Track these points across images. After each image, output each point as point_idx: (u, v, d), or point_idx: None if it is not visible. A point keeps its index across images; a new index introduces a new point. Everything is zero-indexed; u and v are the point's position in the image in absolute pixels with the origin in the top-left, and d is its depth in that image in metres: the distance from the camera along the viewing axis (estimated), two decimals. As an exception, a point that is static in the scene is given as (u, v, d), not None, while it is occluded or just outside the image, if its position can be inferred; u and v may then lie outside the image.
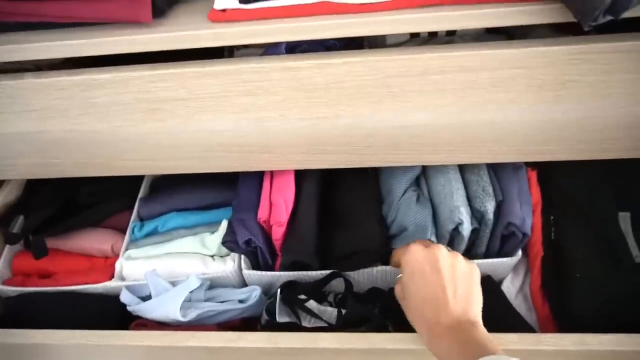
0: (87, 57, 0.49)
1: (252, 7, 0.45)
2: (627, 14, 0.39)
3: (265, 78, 0.49)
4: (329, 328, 0.63)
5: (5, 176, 0.63)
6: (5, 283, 0.72)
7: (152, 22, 0.47)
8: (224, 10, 0.46)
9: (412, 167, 0.67)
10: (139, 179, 0.81)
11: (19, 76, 0.52)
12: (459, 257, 0.53)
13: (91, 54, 0.48)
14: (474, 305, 0.51)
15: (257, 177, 0.70)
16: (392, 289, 0.59)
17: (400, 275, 0.54)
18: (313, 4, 0.45)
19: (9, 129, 0.57)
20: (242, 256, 0.68)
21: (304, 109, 0.51)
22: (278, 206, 0.65)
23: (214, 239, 0.69)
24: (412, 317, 0.52)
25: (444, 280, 0.50)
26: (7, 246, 0.75)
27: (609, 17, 0.38)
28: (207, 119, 0.53)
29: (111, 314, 0.68)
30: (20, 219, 0.76)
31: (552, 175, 0.68)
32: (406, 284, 0.52)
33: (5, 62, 0.51)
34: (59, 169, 0.61)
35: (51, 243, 0.73)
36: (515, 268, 0.69)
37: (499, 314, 0.50)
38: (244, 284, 0.71)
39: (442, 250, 0.52)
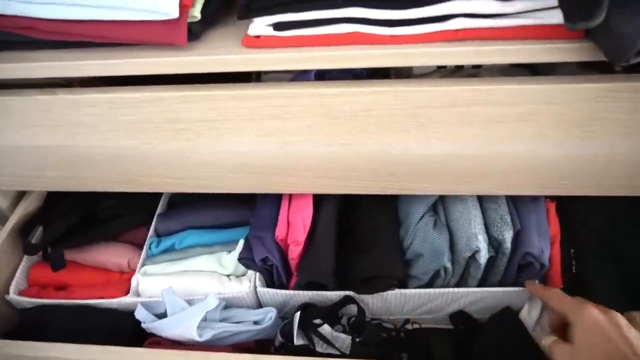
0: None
1: (286, 34, 0.46)
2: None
3: (295, 103, 0.49)
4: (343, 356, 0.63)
5: (31, 187, 0.64)
6: (21, 294, 0.72)
7: (187, 46, 0.48)
8: (257, 37, 0.47)
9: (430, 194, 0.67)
10: (157, 195, 0.81)
11: (51, 91, 0.54)
12: None
13: (126, 73, 0.49)
14: None
15: (275, 197, 0.71)
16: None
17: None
18: (345, 33, 0.46)
19: (38, 142, 0.58)
20: (257, 274, 0.69)
21: (330, 135, 0.52)
22: (296, 226, 0.66)
23: (230, 258, 0.70)
24: None
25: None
26: (25, 257, 0.75)
27: (640, 59, 0.39)
28: (234, 140, 0.54)
29: (125, 330, 0.67)
30: (39, 230, 0.77)
31: (573, 208, 0.68)
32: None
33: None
34: (84, 183, 0.61)
35: (68, 255, 0.73)
36: (532, 299, 0.68)
37: (519, 348, 0.50)
38: (259, 304, 0.70)
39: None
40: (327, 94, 0.48)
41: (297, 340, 0.64)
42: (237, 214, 0.76)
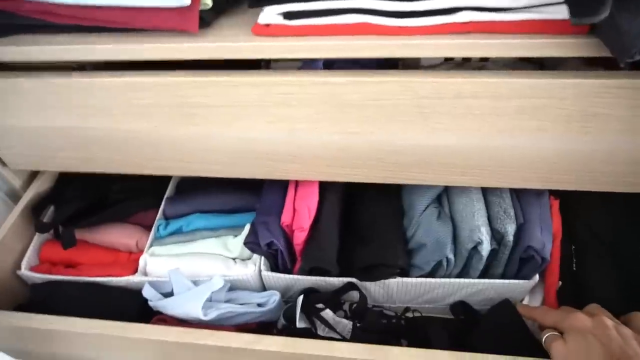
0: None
1: (296, 23, 0.47)
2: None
3: (303, 91, 0.50)
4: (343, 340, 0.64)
5: (44, 167, 0.66)
6: (32, 270, 0.74)
7: (198, 33, 0.49)
8: (267, 25, 0.48)
9: (435, 184, 0.68)
10: (166, 179, 0.83)
11: (66, 74, 0.55)
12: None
13: (139, 58, 0.50)
14: None
15: (281, 183, 0.72)
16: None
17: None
18: (354, 24, 0.46)
19: (52, 124, 0.59)
20: (262, 258, 0.70)
21: (337, 124, 0.53)
22: (301, 212, 0.67)
23: (236, 242, 0.71)
24: None
25: None
26: (37, 234, 0.77)
27: (645, 55, 0.39)
28: (242, 126, 0.55)
29: (132, 307, 0.69)
30: (51, 209, 0.79)
31: (576, 207, 0.68)
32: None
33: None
34: (96, 165, 0.63)
35: (79, 235, 0.75)
36: (532, 292, 0.69)
37: (517, 340, 0.51)
38: (263, 288, 0.72)
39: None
40: (335, 82, 0.49)
41: (300, 324, 0.65)
42: (243, 199, 0.77)
